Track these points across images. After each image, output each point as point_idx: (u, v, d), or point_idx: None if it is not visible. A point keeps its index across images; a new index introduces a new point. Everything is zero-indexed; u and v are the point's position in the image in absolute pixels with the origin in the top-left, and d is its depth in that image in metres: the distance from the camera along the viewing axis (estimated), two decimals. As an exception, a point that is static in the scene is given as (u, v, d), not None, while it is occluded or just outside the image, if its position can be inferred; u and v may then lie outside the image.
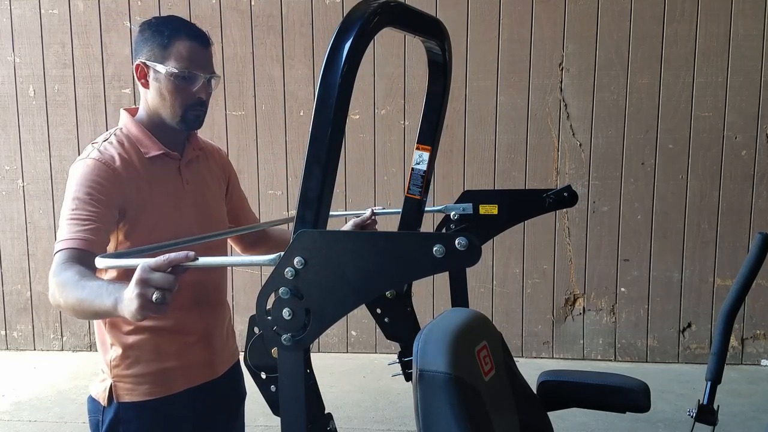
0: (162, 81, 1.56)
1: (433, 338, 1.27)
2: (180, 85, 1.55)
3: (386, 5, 1.09)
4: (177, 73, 1.54)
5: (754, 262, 1.56)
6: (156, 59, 1.56)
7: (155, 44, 1.56)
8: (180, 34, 1.55)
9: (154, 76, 1.57)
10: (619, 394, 1.56)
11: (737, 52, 3.94)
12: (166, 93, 1.56)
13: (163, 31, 1.56)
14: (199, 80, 1.56)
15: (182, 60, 1.54)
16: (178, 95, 1.56)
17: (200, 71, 1.56)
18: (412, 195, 1.63)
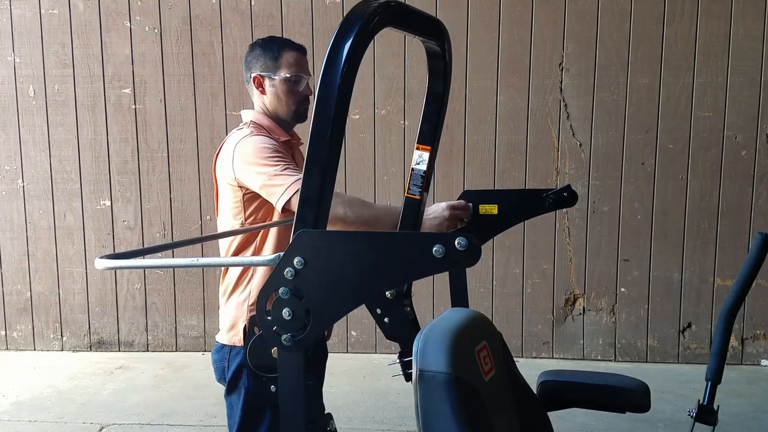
0: (277, 86, 1.98)
1: (433, 338, 1.27)
2: (292, 87, 1.98)
3: (386, 5, 1.09)
4: (289, 77, 1.97)
5: (754, 262, 1.56)
6: (269, 70, 1.98)
7: (267, 58, 1.99)
8: (286, 48, 2.00)
9: (270, 83, 1.99)
10: (619, 394, 1.56)
11: (737, 52, 3.94)
12: (282, 94, 1.98)
13: (272, 47, 2.00)
14: (304, 81, 2.00)
15: (291, 67, 1.98)
16: (292, 95, 1.99)
17: (304, 74, 2.00)
18: (412, 195, 1.63)
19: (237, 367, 1.90)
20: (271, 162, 1.82)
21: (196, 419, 3.36)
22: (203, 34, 4.26)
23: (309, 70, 2.07)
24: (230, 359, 1.92)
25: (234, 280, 1.94)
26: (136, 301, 4.48)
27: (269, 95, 2.01)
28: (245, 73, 2.06)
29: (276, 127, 2.01)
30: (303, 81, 2.00)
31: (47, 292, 4.53)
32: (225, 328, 1.96)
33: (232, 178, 1.90)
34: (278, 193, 1.76)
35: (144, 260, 1.29)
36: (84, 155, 4.41)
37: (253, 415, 1.87)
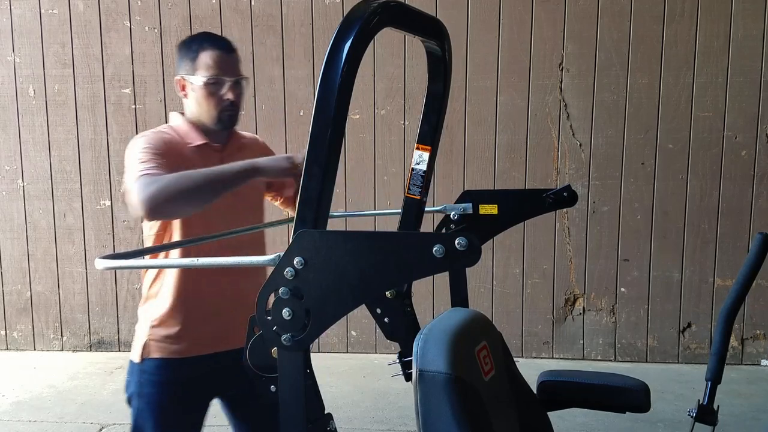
0: (196, 90, 1.78)
1: (433, 338, 1.27)
2: (210, 91, 1.77)
3: (386, 5, 1.09)
4: (206, 80, 1.75)
5: (754, 262, 1.56)
6: (189, 72, 1.78)
7: (187, 59, 1.78)
8: (205, 46, 1.77)
9: (190, 87, 1.79)
10: (619, 394, 1.56)
11: (737, 52, 3.94)
12: (202, 100, 1.78)
13: (191, 46, 1.79)
14: (225, 84, 1.77)
15: (209, 68, 1.75)
16: (211, 100, 1.78)
17: (227, 75, 1.77)
18: (412, 195, 1.62)
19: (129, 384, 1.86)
20: (139, 162, 1.67)
21: (196, 419, 3.36)
22: (203, 34, 4.26)
23: (237, 70, 1.83)
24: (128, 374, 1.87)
25: (144, 292, 1.87)
26: (136, 301, 4.48)
27: (190, 100, 1.82)
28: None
29: (193, 131, 1.83)
30: (225, 84, 1.78)
31: (47, 292, 4.53)
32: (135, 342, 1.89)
33: None
34: (129, 179, 1.64)
35: (144, 260, 1.29)
36: (84, 155, 4.42)
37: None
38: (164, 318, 1.82)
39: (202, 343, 1.84)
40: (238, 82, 1.81)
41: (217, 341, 1.85)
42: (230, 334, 1.84)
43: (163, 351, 1.82)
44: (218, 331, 1.85)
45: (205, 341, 1.84)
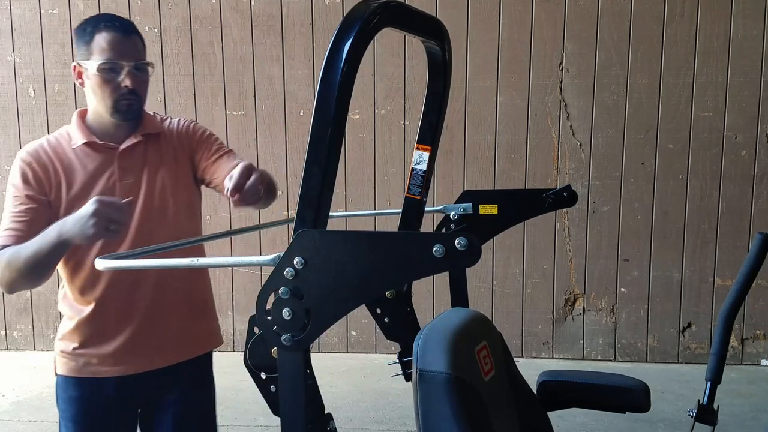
0: (91, 77, 1.60)
1: (433, 338, 1.27)
2: (106, 78, 1.59)
3: (386, 5, 1.08)
4: (99, 65, 1.57)
5: (754, 262, 1.56)
6: (84, 57, 1.60)
7: (82, 43, 1.60)
8: (99, 28, 1.58)
9: (86, 74, 1.62)
10: (619, 394, 1.56)
11: (737, 52, 3.94)
12: (96, 87, 1.61)
13: (85, 29, 1.60)
14: (122, 69, 1.59)
15: (103, 52, 1.57)
16: (106, 87, 1.60)
17: (123, 60, 1.58)
18: (412, 195, 1.62)
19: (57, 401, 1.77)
20: (5, 216, 1.60)
21: (196, 419, 3.36)
22: (203, 34, 4.26)
23: (137, 54, 1.63)
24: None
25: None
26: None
27: (87, 89, 1.64)
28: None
29: (79, 129, 1.67)
30: (121, 69, 1.59)
31: (47, 292, 4.53)
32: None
33: None
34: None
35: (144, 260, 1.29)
36: (84, 155, 4.41)
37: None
38: (65, 331, 1.71)
39: (108, 364, 1.70)
40: (139, 67, 1.62)
41: (128, 362, 1.70)
42: (146, 354, 1.71)
43: (66, 368, 1.72)
44: (128, 351, 1.70)
45: (111, 361, 1.70)
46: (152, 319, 1.70)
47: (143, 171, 1.69)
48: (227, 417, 3.41)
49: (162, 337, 1.72)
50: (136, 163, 1.69)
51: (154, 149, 1.72)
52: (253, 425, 3.30)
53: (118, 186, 1.66)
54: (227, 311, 4.42)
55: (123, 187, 1.66)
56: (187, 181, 1.77)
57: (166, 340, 1.73)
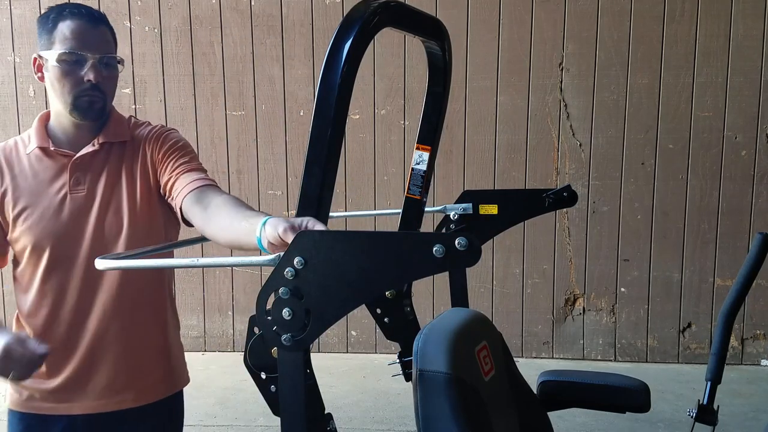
0: (51, 69, 1.44)
1: (433, 338, 1.27)
2: (66, 70, 1.43)
3: (386, 5, 1.09)
4: (59, 55, 1.41)
5: (754, 262, 1.56)
6: (45, 47, 1.45)
7: (43, 32, 1.45)
8: (64, 15, 1.43)
9: (46, 66, 1.46)
10: (619, 394, 1.56)
11: (737, 52, 3.94)
12: (55, 80, 1.44)
13: (48, 16, 1.46)
14: (86, 61, 1.43)
15: (66, 41, 1.42)
16: (66, 80, 1.43)
17: (87, 51, 1.43)
18: (412, 195, 1.62)
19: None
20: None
21: (196, 419, 3.36)
22: (203, 34, 4.26)
23: (103, 46, 1.46)
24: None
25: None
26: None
27: (46, 83, 1.47)
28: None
29: (36, 134, 1.51)
30: (85, 61, 1.43)
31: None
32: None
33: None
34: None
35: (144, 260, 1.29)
36: (84, 155, 4.41)
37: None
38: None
39: (51, 401, 1.52)
40: (106, 62, 1.46)
41: (74, 401, 1.52)
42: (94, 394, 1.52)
43: (11, 399, 1.56)
44: (73, 389, 1.52)
45: (54, 398, 1.52)
46: (96, 357, 1.51)
47: (99, 184, 1.50)
48: (227, 417, 3.41)
49: (111, 378, 1.53)
50: (93, 174, 1.50)
51: (116, 159, 1.52)
52: (253, 425, 3.30)
53: (68, 199, 1.48)
54: (227, 311, 4.42)
55: (73, 201, 1.48)
56: (151, 199, 1.54)
57: (116, 381, 1.53)
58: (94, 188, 1.50)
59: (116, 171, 1.52)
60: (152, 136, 1.56)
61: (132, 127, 1.57)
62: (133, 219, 1.50)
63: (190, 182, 1.47)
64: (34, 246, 1.47)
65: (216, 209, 1.35)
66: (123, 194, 1.51)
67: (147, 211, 1.52)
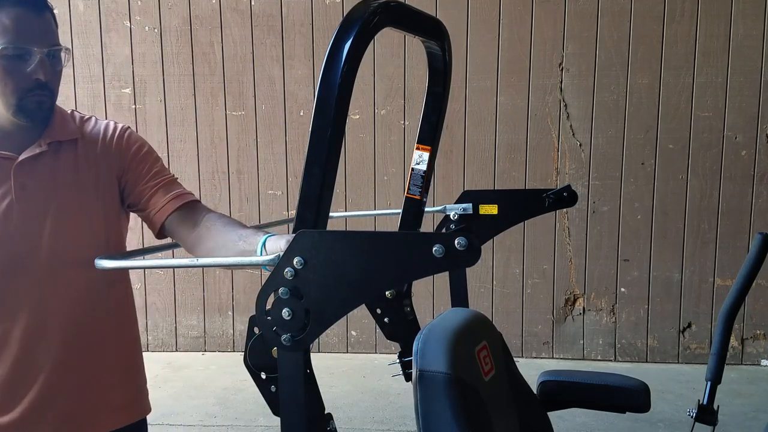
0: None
1: (433, 338, 1.27)
2: (8, 67, 1.24)
3: (386, 5, 1.08)
4: (1, 50, 1.22)
5: (754, 262, 1.56)
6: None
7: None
8: (2, 2, 1.23)
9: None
10: (619, 394, 1.56)
11: (737, 52, 3.94)
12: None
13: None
14: (32, 56, 1.24)
15: (6, 33, 1.22)
16: (9, 79, 1.24)
17: (33, 45, 1.24)
18: (412, 195, 1.62)
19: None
20: None
21: (196, 419, 3.36)
22: (203, 34, 4.26)
23: (50, 37, 1.28)
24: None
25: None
26: (136, 301, 4.47)
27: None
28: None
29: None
30: (31, 56, 1.24)
31: None
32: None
33: None
34: None
35: (144, 260, 1.29)
36: (84, 155, 4.41)
37: None
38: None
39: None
40: (52, 54, 1.28)
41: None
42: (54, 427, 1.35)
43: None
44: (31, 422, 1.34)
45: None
46: (56, 383, 1.34)
47: (50, 187, 1.33)
48: (227, 417, 3.41)
49: (72, 407, 1.37)
50: (41, 179, 1.32)
51: (67, 161, 1.36)
52: (253, 425, 3.30)
53: (15, 209, 1.30)
54: (227, 311, 4.42)
55: (20, 208, 1.30)
56: (111, 206, 1.41)
57: (79, 411, 1.38)
58: (44, 193, 1.32)
59: (69, 172, 1.35)
60: (112, 136, 1.41)
61: (80, 123, 1.41)
62: (94, 223, 1.37)
63: (171, 199, 1.38)
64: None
65: (206, 230, 1.28)
66: (80, 202, 1.36)
67: (107, 220, 1.40)
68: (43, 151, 1.33)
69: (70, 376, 1.36)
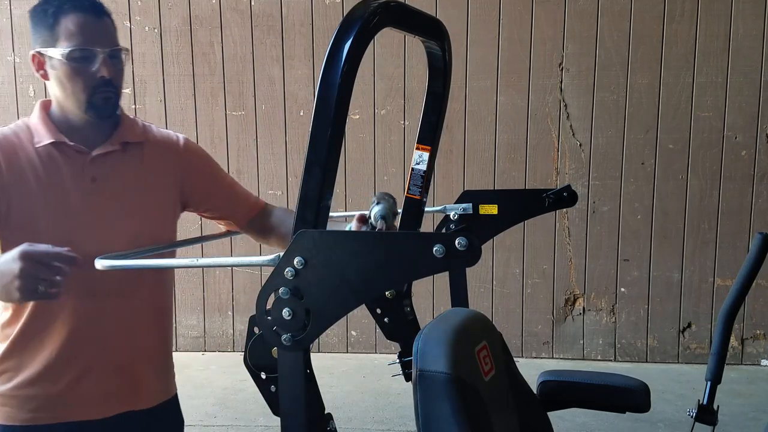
0: (58, 67, 1.36)
1: (433, 338, 1.27)
2: (77, 67, 1.35)
3: (386, 5, 1.08)
4: (68, 53, 1.34)
5: (754, 262, 1.56)
6: (47, 44, 1.36)
7: (43, 27, 1.37)
8: (65, 9, 1.35)
9: (50, 64, 1.37)
10: (619, 394, 1.56)
11: (737, 52, 3.94)
12: (65, 79, 1.36)
13: (47, 11, 1.37)
14: (97, 57, 1.36)
15: (73, 37, 1.34)
16: (78, 78, 1.36)
17: (97, 46, 1.36)
18: (412, 195, 1.62)
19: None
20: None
21: (196, 419, 3.36)
22: (203, 34, 4.26)
23: (112, 39, 1.40)
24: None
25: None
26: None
27: (52, 81, 1.40)
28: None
29: (44, 126, 1.41)
30: (96, 57, 1.36)
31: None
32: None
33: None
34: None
35: (144, 260, 1.29)
36: (84, 155, 4.41)
37: None
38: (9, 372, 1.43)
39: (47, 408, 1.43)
40: (114, 54, 1.40)
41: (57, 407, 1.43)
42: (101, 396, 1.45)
43: (6, 417, 1.43)
44: (59, 392, 1.43)
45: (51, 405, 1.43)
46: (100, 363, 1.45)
47: (116, 184, 1.44)
48: (227, 417, 3.41)
49: (112, 384, 1.47)
50: (110, 175, 1.44)
51: (133, 161, 1.48)
52: (253, 425, 3.30)
53: (85, 199, 1.41)
54: (227, 311, 4.42)
55: (89, 201, 1.41)
56: (170, 209, 1.54)
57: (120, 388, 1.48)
58: (111, 188, 1.44)
59: (135, 172, 1.47)
60: (174, 146, 1.56)
61: (142, 128, 1.53)
62: (148, 223, 1.48)
63: (250, 206, 1.65)
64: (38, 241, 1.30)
65: (277, 224, 1.61)
66: (144, 201, 1.47)
67: (164, 221, 1.52)
68: (114, 150, 1.45)
69: (113, 355, 1.46)
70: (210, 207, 1.63)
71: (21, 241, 1.28)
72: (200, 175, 1.59)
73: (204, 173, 1.61)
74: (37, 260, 1.15)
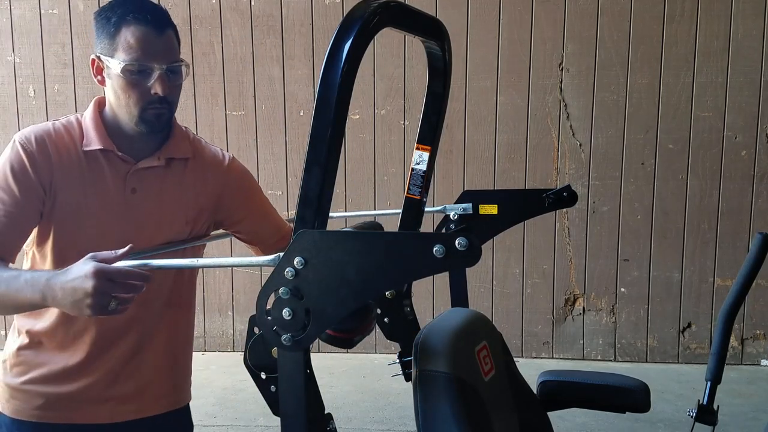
0: (113, 77, 1.36)
1: (433, 338, 1.27)
2: (132, 81, 1.34)
3: (386, 5, 1.08)
4: (124, 67, 1.33)
5: (754, 262, 1.56)
6: (107, 52, 1.37)
7: (104, 34, 1.39)
8: (127, 20, 1.34)
9: (107, 72, 1.38)
10: (619, 394, 1.56)
11: (737, 52, 3.94)
12: (120, 91, 1.36)
13: (110, 18, 1.37)
14: (153, 72, 1.33)
15: (131, 50, 1.33)
16: (132, 92, 1.35)
17: (154, 62, 1.33)
18: (412, 195, 1.62)
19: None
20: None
21: (195, 419, 3.32)
22: (203, 34, 4.26)
23: (170, 54, 1.37)
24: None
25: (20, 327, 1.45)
26: (136, 301, 4.48)
27: (108, 88, 1.40)
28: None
29: (96, 130, 1.40)
30: (152, 73, 1.34)
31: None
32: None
33: None
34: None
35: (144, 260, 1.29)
36: (84, 155, 4.41)
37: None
38: (24, 365, 1.43)
39: (70, 409, 1.43)
40: (172, 70, 1.37)
41: (93, 409, 1.44)
42: (122, 400, 1.46)
43: (12, 407, 1.44)
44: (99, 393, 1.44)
45: (73, 406, 1.44)
46: (124, 368, 1.46)
47: (154, 200, 1.44)
48: (227, 417, 3.41)
49: (132, 390, 1.48)
50: (150, 188, 1.44)
51: (175, 177, 1.47)
52: (253, 425, 3.30)
53: (124, 206, 1.41)
54: (227, 311, 4.42)
55: (128, 209, 1.41)
56: (202, 227, 1.53)
57: (139, 393, 1.49)
58: (149, 201, 1.43)
59: (175, 188, 1.47)
60: (219, 165, 1.54)
61: (191, 142, 1.52)
62: (178, 238, 1.48)
63: (281, 236, 1.59)
64: (83, 249, 1.22)
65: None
66: (174, 213, 1.46)
67: (193, 233, 1.51)
68: (165, 164, 1.45)
69: (132, 362, 1.46)
70: (240, 229, 1.60)
71: (59, 237, 1.35)
72: (238, 197, 1.57)
73: (241, 195, 1.57)
74: (111, 278, 1.11)
